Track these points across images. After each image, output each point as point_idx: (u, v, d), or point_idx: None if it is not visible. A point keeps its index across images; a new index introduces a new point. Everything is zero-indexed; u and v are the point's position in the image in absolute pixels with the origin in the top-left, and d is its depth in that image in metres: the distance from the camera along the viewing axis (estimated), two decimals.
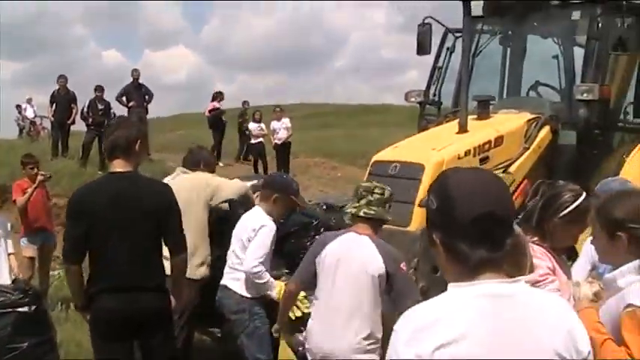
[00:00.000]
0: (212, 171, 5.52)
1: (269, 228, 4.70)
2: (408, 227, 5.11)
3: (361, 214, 4.00)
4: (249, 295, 4.70)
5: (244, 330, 4.67)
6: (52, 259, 8.64)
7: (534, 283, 2.85)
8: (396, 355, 1.65)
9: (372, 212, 4.00)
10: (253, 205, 5.01)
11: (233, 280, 4.78)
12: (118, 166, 3.96)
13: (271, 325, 4.61)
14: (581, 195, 3.05)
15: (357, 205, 4.03)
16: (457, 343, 1.60)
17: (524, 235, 2.72)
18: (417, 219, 5.04)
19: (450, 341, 1.60)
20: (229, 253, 4.91)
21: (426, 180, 5.16)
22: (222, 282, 4.85)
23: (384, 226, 5.19)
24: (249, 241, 4.69)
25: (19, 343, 5.07)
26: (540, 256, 2.92)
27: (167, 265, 4.10)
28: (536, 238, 3.03)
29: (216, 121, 18.01)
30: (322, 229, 5.17)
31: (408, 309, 1.74)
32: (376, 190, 4.05)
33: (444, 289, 1.73)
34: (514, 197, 4.98)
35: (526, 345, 1.64)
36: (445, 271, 1.76)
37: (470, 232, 1.66)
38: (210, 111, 18.20)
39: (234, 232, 4.90)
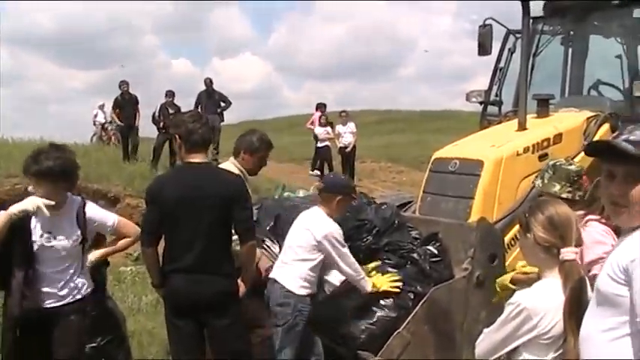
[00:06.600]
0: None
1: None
2: (466, 220, 5.24)
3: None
4: (296, 292, 4.77)
5: (284, 323, 4.74)
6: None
7: (598, 259, 2.98)
8: None
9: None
10: None
11: (282, 274, 4.85)
12: (196, 157, 4.21)
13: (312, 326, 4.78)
14: None
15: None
16: None
17: (572, 212, 2.79)
18: (475, 213, 5.19)
19: None
20: (284, 248, 5.00)
21: (485, 176, 5.32)
22: (271, 275, 4.91)
23: (442, 219, 5.35)
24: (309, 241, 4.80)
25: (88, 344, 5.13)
26: (605, 235, 2.99)
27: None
28: (599, 217, 3.11)
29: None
30: (375, 230, 5.22)
31: None
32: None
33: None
34: None
35: None
36: None
37: None
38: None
39: (292, 229, 4.98)
